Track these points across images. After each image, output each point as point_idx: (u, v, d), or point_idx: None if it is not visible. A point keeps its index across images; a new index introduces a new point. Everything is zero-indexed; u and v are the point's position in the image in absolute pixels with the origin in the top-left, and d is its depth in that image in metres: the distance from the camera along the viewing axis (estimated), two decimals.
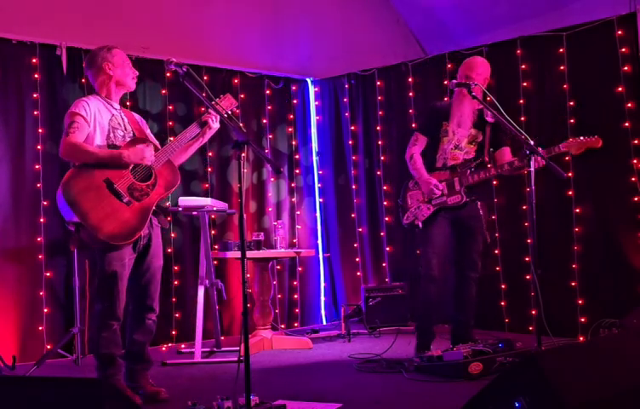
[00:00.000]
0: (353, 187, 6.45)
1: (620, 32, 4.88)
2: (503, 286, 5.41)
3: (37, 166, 5.07)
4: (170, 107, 5.71)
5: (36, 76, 5.11)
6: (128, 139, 3.59)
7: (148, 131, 3.82)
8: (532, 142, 3.83)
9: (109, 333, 3.46)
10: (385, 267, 6.24)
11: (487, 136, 4.38)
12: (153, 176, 3.51)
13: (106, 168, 3.42)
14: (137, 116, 3.83)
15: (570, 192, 5.07)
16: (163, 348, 5.35)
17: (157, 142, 3.75)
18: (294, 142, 6.55)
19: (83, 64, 3.76)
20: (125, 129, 3.61)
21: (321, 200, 6.68)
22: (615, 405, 2.39)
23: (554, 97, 5.20)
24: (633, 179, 4.81)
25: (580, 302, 5.00)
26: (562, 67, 5.15)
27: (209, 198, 5.18)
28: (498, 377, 2.53)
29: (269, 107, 6.37)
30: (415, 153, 4.42)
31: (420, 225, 4.32)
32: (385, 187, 6.21)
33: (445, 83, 5.70)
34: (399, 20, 7.25)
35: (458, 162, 4.32)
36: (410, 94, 6.03)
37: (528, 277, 5.14)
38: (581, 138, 4.08)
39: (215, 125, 3.65)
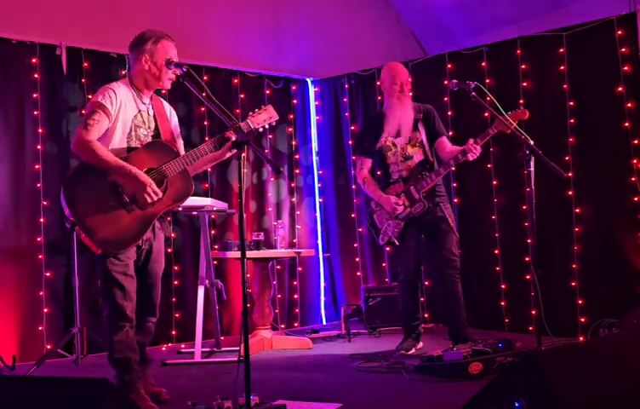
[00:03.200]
0: (353, 187, 6.45)
1: (619, 32, 4.88)
2: (503, 286, 5.41)
3: (37, 166, 5.07)
4: None
5: (36, 76, 5.11)
6: (150, 139, 3.42)
7: (174, 126, 3.59)
8: (532, 142, 3.84)
9: (121, 335, 3.33)
10: (385, 268, 6.24)
11: (424, 134, 4.57)
12: (164, 185, 3.34)
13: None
14: (168, 108, 3.60)
15: (570, 193, 5.07)
16: (163, 348, 5.35)
17: (180, 145, 3.59)
18: (293, 142, 6.55)
19: (129, 47, 3.50)
20: (149, 128, 3.44)
21: (321, 200, 6.69)
22: (615, 405, 2.39)
23: (554, 97, 5.20)
24: (633, 179, 4.81)
25: (579, 302, 5.00)
26: (562, 67, 5.15)
27: (209, 198, 5.17)
28: (498, 377, 2.53)
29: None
30: (367, 176, 4.66)
31: (397, 242, 4.55)
32: None
33: (445, 83, 5.69)
34: (399, 19, 7.25)
35: (412, 170, 4.56)
36: (410, 93, 6.01)
37: (528, 277, 5.14)
38: (509, 113, 4.18)
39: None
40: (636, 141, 4.82)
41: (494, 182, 5.48)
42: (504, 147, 5.33)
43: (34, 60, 5.11)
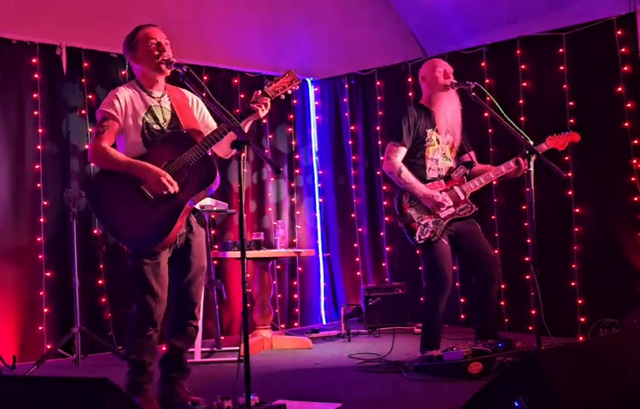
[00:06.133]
0: (353, 187, 6.45)
1: (619, 32, 4.89)
2: (503, 286, 5.41)
3: (37, 166, 5.07)
4: None
5: (36, 76, 5.11)
6: (168, 133, 3.31)
7: (201, 113, 3.48)
8: (531, 142, 3.85)
9: (142, 339, 3.24)
10: (385, 267, 6.24)
11: (461, 140, 4.31)
12: (186, 175, 3.21)
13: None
14: (191, 97, 3.49)
15: (570, 193, 5.07)
16: (163, 348, 5.33)
17: (212, 123, 3.46)
18: (293, 142, 6.55)
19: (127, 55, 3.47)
20: (164, 121, 3.33)
21: (321, 200, 6.69)
22: (615, 405, 2.39)
23: (554, 97, 5.20)
24: (633, 179, 4.82)
25: (579, 301, 5.00)
26: (562, 67, 5.15)
27: (209, 198, 5.17)
28: (498, 377, 2.54)
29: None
30: (402, 166, 4.15)
31: (446, 241, 4.11)
32: (384, 187, 6.21)
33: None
34: (399, 19, 7.25)
35: (447, 172, 4.25)
36: (410, 94, 6.03)
37: (528, 277, 5.14)
38: (562, 133, 4.16)
39: (263, 114, 3.33)
40: (636, 141, 4.82)
41: (494, 182, 5.47)
42: (503, 147, 5.32)
43: (34, 60, 5.10)
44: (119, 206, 3.19)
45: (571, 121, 5.05)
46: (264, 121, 6.28)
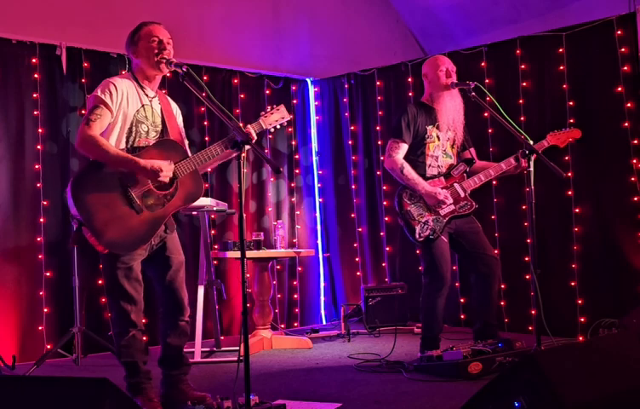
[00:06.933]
0: (353, 186, 6.45)
1: (619, 32, 4.89)
2: (503, 286, 5.41)
3: (37, 166, 5.07)
4: None
5: (36, 76, 5.11)
6: (154, 135, 3.33)
7: (181, 126, 3.53)
8: (531, 142, 3.85)
9: (127, 340, 3.26)
10: (385, 267, 6.24)
11: (463, 137, 4.32)
12: (174, 185, 3.25)
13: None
14: (175, 107, 3.54)
15: (570, 192, 5.08)
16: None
17: (185, 145, 3.50)
18: (293, 142, 6.55)
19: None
20: (153, 123, 3.35)
21: (321, 200, 6.69)
22: (615, 405, 2.39)
23: (554, 97, 5.20)
24: (633, 179, 4.82)
25: (579, 301, 5.00)
26: (561, 67, 5.15)
27: (209, 198, 5.17)
28: (497, 377, 2.53)
29: (269, 107, 6.34)
30: (405, 163, 4.17)
31: (446, 239, 4.12)
32: (384, 187, 6.21)
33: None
34: (399, 19, 7.25)
35: (447, 169, 4.26)
36: (410, 94, 6.03)
37: (527, 277, 5.15)
38: (563, 130, 4.18)
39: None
40: (635, 141, 4.83)
41: (494, 182, 5.48)
42: (503, 147, 5.32)
43: (34, 60, 5.11)
44: (103, 205, 3.12)
45: (571, 121, 5.05)
46: None
